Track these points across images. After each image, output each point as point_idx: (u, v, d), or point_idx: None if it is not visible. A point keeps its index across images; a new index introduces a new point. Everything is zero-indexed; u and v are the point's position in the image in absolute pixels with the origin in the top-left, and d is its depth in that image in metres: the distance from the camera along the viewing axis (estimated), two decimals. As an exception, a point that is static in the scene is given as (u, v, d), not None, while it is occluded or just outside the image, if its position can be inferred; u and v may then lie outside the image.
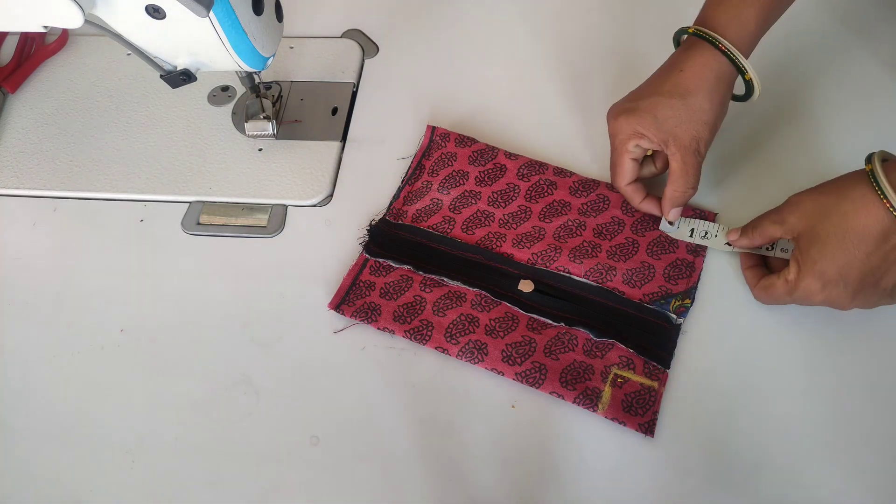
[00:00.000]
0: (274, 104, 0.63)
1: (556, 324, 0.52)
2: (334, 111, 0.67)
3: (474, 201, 0.59)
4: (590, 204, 0.58)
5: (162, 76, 0.55)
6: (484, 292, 0.54)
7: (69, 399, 0.54)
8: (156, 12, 0.48)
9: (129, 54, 0.71)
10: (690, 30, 0.53)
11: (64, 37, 0.73)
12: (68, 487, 0.50)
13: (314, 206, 0.61)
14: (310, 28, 0.73)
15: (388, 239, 0.58)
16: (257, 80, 0.61)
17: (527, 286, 0.54)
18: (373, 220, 0.59)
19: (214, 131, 0.66)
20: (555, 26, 0.70)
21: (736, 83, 0.53)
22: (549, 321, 0.52)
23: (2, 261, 0.61)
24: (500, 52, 0.69)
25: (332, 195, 0.62)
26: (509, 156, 0.61)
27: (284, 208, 0.61)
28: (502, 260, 0.56)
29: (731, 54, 0.50)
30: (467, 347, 0.52)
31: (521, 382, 0.50)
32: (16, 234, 0.62)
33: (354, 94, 0.68)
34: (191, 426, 0.52)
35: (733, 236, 0.53)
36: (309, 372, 0.53)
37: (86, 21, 0.47)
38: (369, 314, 0.54)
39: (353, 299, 0.55)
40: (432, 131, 0.63)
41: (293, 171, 0.63)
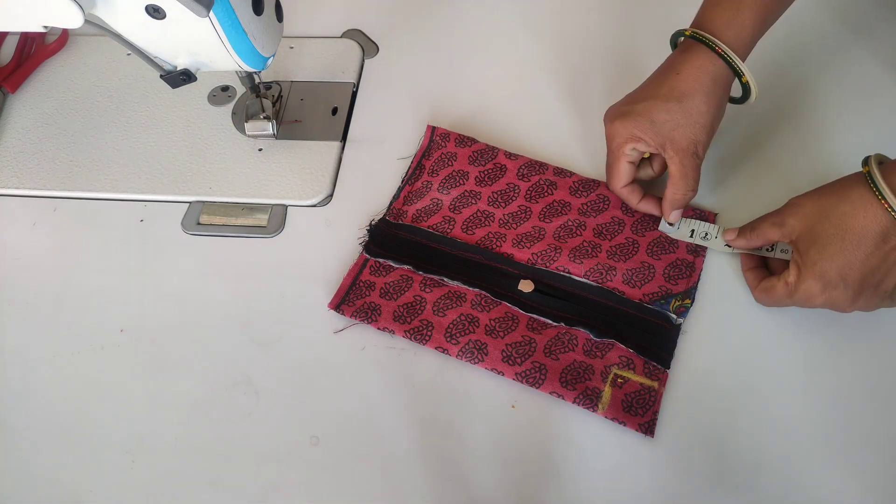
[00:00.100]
0: (274, 104, 0.63)
1: (556, 324, 0.52)
2: (334, 111, 0.67)
3: (474, 201, 0.59)
4: (590, 204, 0.58)
5: (162, 76, 0.55)
6: (484, 292, 0.54)
7: (69, 399, 0.54)
8: (156, 12, 0.48)
9: (129, 54, 0.71)
10: (687, 32, 0.52)
11: (64, 37, 0.73)
12: (68, 487, 0.50)
13: (314, 206, 0.61)
14: (310, 28, 0.73)
15: (388, 239, 0.58)
16: (257, 80, 0.61)
17: (527, 286, 0.54)
18: (373, 220, 0.59)
19: (214, 131, 0.66)
20: (555, 27, 0.70)
21: (734, 85, 0.53)
22: (549, 321, 0.52)
23: (2, 261, 0.61)
24: (500, 52, 0.69)
25: (332, 195, 0.62)
26: (509, 156, 0.61)
27: (284, 208, 0.61)
28: (502, 260, 0.56)
29: (728, 57, 0.50)
30: (467, 347, 0.52)
31: (521, 382, 0.50)
32: (16, 234, 0.62)
33: (354, 94, 0.68)
34: (191, 426, 0.52)
35: (730, 236, 0.53)
36: (309, 372, 0.53)
37: (86, 21, 0.47)
38: (369, 314, 0.54)
39: (353, 299, 0.55)
40: (432, 131, 0.63)
41: (293, 171, 0.63)
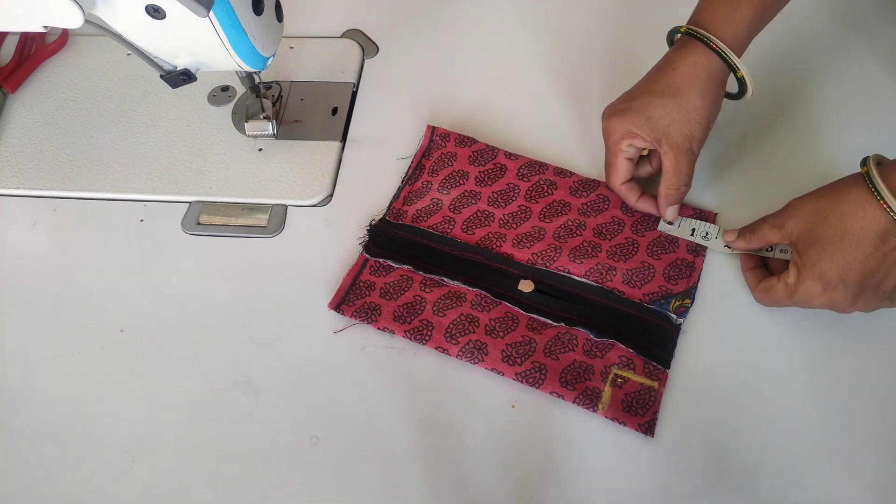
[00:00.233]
0: (274, 104, 0.63)
1: (556, 324, 0.52)
2: (334, 111, 0.67)
3: (474, 201, 0.59)
4: (590, 204, 0.58)
5: (162, 76, 0.55)
6: (484, 292, 0.54)
7: (69, 399, 0.54)
8: (156, 12, 0.48)
9: (129, 54, 0.71)
10: (683, 29, 0.53)
11: (64, 37, 0.73)
12: (68, 487, 0.50)
13: (314, 206, 0.61)
14: (310, 28, 0.73)
15: (388, 239, 0.58)
16: (257, 80, 0.61)
17: (527, 286, 0.54)
18: (373, 220, 0.59)
19: (214, 131, 0.66)
20: (555, 27, 0.70)
21: (730, 81, 0.53)
22: (549, 321, 0.52)
23: (2, 261, 0.61)
24: (500, 52, 0.69)
25: (332, 195, 0.62)
26: (509, 156, 0.61)
27: (284, 208, 0.61)
28: (502, 260, 0.56)
29: (723, 52, 0.51)
30: (467, 347, 0.52)
31: (521, 382, 0.50)
32: (16, 234, 0.62)
33: (354, 94, 0.68)
34: (191, 426, 0.52)
35: (730, 237, 0.53)
36: (309, 372, 0.53)
37: (86, 21, 0.47)
38: (369, 314, 0.54)
39: (353, 299, 0.55)
40: (432, 131, 0.63)
41: (293, 171, 0.63)
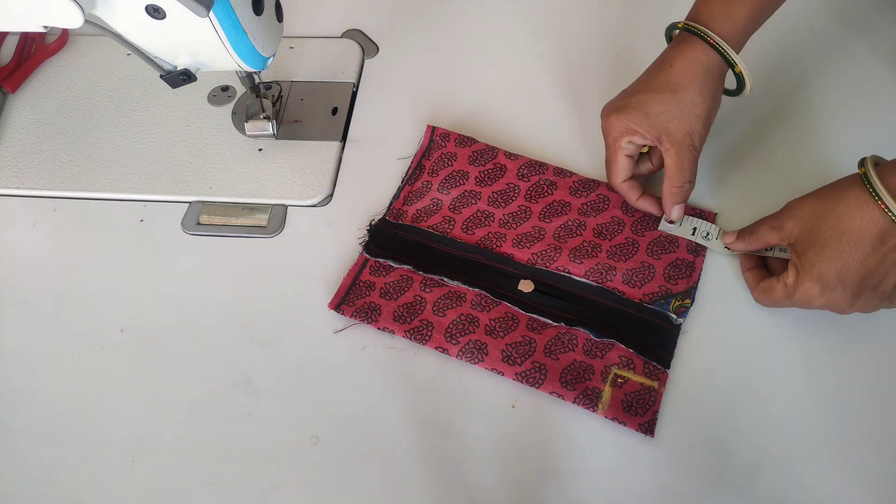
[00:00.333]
0: (274, 104, 0.63)
1: (556, 324, 0.52)
2: (334, 111, 0.67)
3: (474, 201, 0.59)
4: (590, 204, 0.58)
5: (162, 76, 0.55)
6: (484, 292, 0.54)
7: (69, 399, 0.54)
8: (156, 12, 0.48)
9: (129, 54, 0.71)
10: (681, 25, 0.53)
11: (64, 37, 0.73)
12: (68, 487, 0.50)
13: (314, 206, 0.61)
14: (310, 28, 0.73)
15: (388, 239, 0.58)
16: (257, 80, 0.61)
17: (527, 286, 0.54)
18: (373, 220, 0.59)
19: (214, 131, 0.66)
20: (554, 26, 0.70)
21: (729, 78, 0.53)
22: (549, 321, 0.52)
23: (2, 261, 0.61)
24: (500, 52, 0.69)
25: (332, 195, 0.62)
26: (509, 156, 0.61)
27: (284, 208, 0.61)
28: (502, 260, 0.56)
29: (720, 47, 0.51)
30: (467, 347, 0.52)
31: (521, 382, 0.50)
32: (16, 234, 0.62)
33: (354, 94, 0.68)
34: (191, 426, 0.52)
35: (729, 239, 0.53)
36: (309, 372, 0.53)
37: (86, 21, 0.47)
38: (369, 314, 0.54)
39: (353, 299, 0.55)
40: (432, 131, 0.63)
41: (293, 171, 0.63)
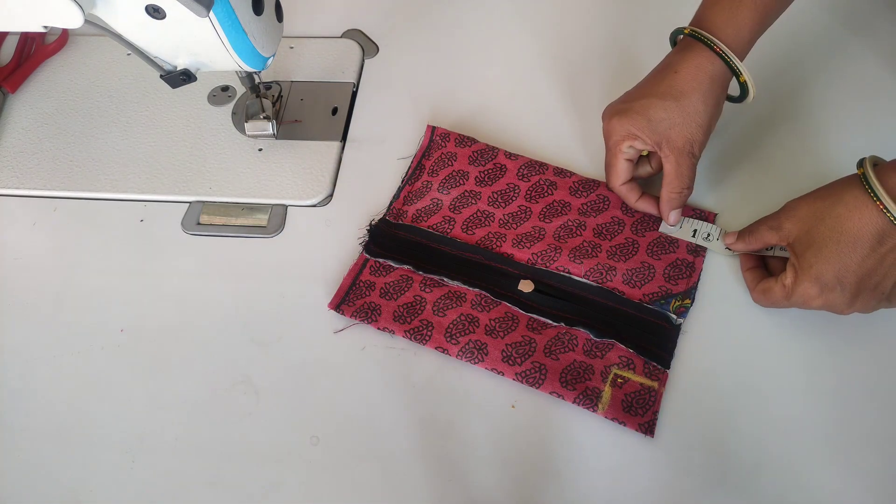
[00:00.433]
0: (274, 104, 0.63)
1: (556, 324, 0.52)
2: (334, 111, 0.67)
3: (474, 201, 0.59)
4: (590, 204, 0.58)
5: (162, 76, 0.55)
6: (484, 292, 0.54)
7: (69, 399, 0.54)
8: (156, 12, 0.48)
9: (129, 54, 0.71)
10: (686, 30, 0.53)
11: (64, 37, 0.73)
12: (68, 487, 0.50)
13: (314, 206, 0.61)
14: (310, 28, 0.73)
15: (388, 239, 0.58)
16: (257, 80, 0.61)
17: (527, 286, 0.54)
18: (373, 220, 0.59)
19: (214, 131, 0.66)
20: (554, 26, 0.70)
21: (732, 84, 0.53)
22: (549, 321, 0.52)
23: (2, 261, 0.61)
24: (500, 52, 0.69)
25: (332, 195, 0.62)
26: (509, 156, 0.61)
27: (284, 208, 0.61)
28: (502, 260, 0.56)
29: (726, 56, 0.50)
30: (467, 347, 0.52)
31: (521, 382, 0.50)
32: (16, 234, 0.62)
33: (354, 94, 0.68)
34: (191, 426, 0.52)
35: (729, 240, 0.53)
36: (309, 372, 0.53)
37: (86, 21, 0.47)
38: (369, 314, 0.54)
39: (353, 299, 0.55)
40: (432, 131, 0.63)
41: (293, 171, 0.63)
